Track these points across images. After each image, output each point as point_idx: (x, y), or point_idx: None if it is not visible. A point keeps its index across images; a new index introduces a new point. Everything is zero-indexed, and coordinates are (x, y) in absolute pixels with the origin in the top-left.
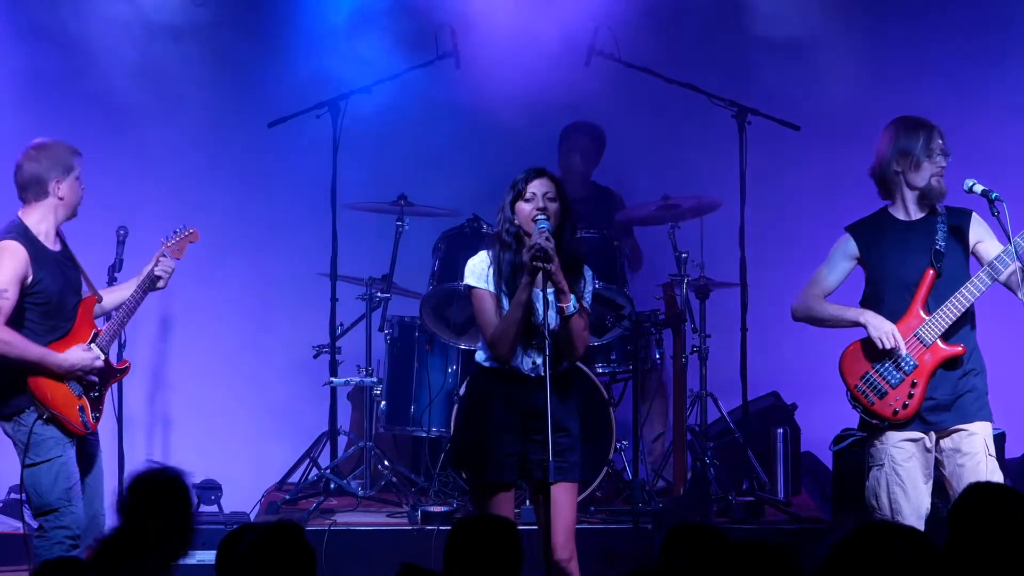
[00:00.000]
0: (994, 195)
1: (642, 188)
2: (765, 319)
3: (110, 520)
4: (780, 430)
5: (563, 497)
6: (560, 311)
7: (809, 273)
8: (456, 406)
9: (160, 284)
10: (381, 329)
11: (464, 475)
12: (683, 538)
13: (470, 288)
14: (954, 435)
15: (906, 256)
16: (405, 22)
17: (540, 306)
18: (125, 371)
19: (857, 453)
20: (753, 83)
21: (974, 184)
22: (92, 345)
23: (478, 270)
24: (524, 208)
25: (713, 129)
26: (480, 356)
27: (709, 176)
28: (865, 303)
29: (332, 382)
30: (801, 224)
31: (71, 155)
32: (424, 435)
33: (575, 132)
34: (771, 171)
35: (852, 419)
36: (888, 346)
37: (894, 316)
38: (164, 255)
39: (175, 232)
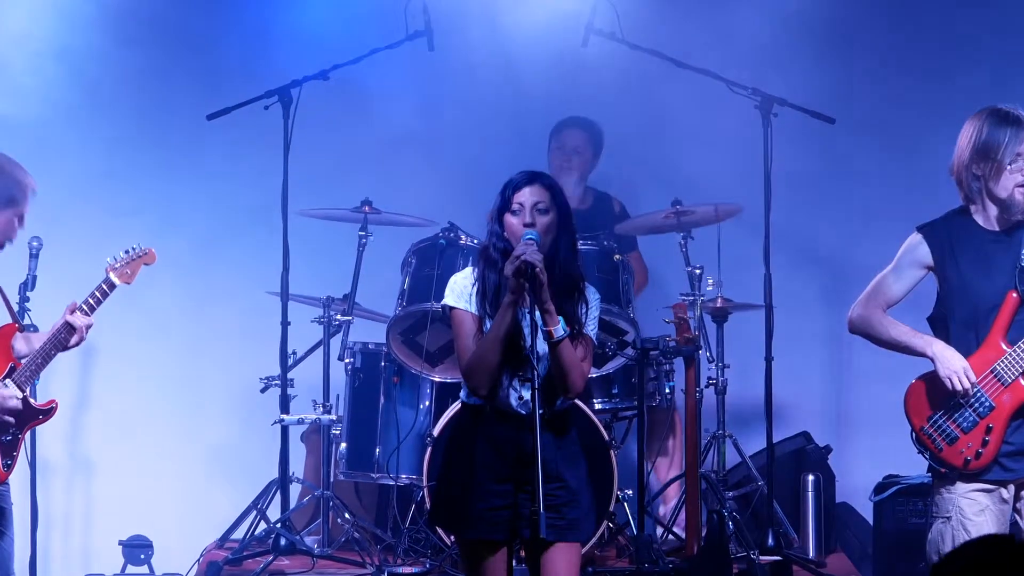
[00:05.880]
0: None
1: (648, 192)
2: (793, 347)
3: None
4: (811, 477)
5: (560, 560)
6: (547, 335)
7: (846, 293)
8: (429, 450)
9: (73, 341)
10: (341, 358)
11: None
12: None
13: (450, 309)
14: None
15: (987, 274)
16: None
17: (528, 330)
18: (49, 413)
19: (902, 504)
20: (780, 68)
21: None
22: (7, 381)
23: (459, 288)
24: (512, 222)
25: (733, 123)
26: (463, 391)
27: (728, 178)
28: (935, 325)
29: (283, 420)
30: (837, 235)
31: (21, 188)
32: (392, 483)
33: (567, 128)
34: (801, 172)
35: (895, 465)
36: (959, 387)
37: (968, 346)
38: (79, 309)
39: (126, 251)
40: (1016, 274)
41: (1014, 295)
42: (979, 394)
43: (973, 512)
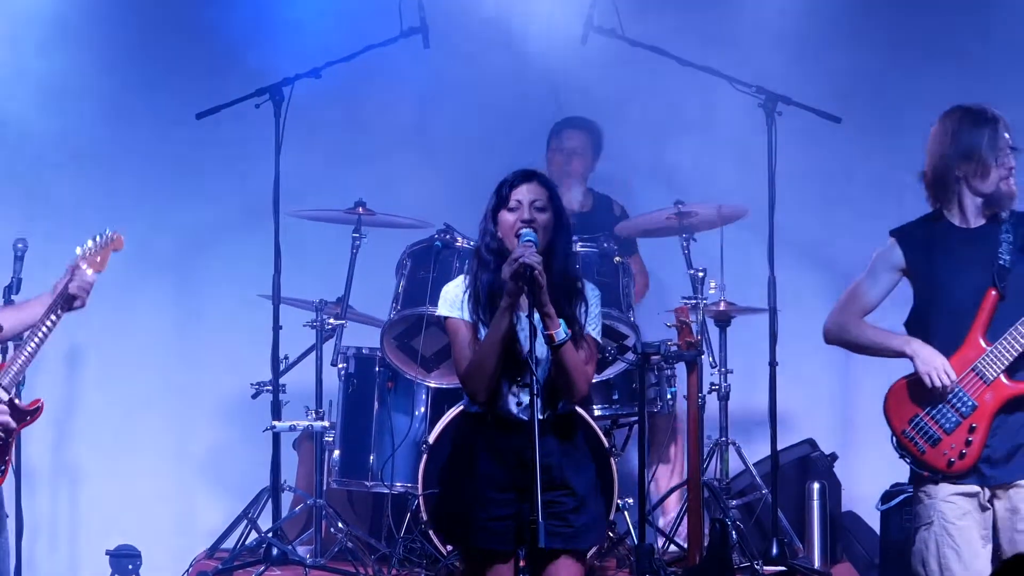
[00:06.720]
0: None
1: (649, 193)
2: (798, 351)
3: None
4: (816, 485)
5: (565, 570)
6: (548, 339)
7: None
8: (425, 457)
9: (77, 303)
10: (334, 363)
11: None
12: None
13: (444, 319)
14: (1011, 491)
15: (964, 272)
16: None
17: (524, 334)
18: (36, 413)
19: (909, 513)
20: (784, 67)
21: None
22: None
23: (452, 296)
24: (507, 219)
25: (736, 122)
26: (466, 399)
27: (731, 179)
28: (911, 327)
29: (275, 427)
30: (843, 237)
31: None
32: (386, 491)
33: (567, 128)
34: (806, 172)
35: (902, 473)
36: (938, 384)
37: (948, 346)
38: (80, 266)
39: (94, 238)
40: (994, 271)
41: (993, 292)
42: (961, 393)
43: (955, 516)
